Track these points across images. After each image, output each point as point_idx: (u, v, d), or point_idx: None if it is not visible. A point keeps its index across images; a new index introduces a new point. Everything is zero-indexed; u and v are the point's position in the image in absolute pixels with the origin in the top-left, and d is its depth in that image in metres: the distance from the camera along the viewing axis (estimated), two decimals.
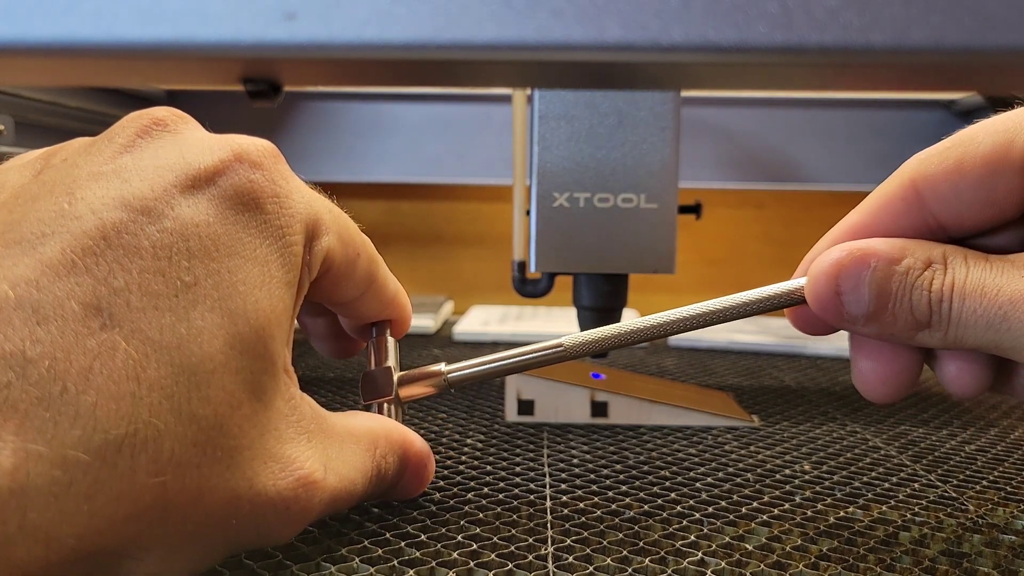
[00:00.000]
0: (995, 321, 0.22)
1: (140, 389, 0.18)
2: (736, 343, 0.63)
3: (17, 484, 0.16)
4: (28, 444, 0.16)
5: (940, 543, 0.25)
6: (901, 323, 0.23)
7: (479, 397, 0.44)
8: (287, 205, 0.22)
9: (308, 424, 0.22)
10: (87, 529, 0.17)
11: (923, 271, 0.23)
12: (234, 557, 0.23)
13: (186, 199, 0.20)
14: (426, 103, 0.78)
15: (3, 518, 0.16)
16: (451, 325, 0.70)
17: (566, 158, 0.42)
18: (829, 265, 0.24)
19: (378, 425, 0.25)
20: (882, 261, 0.23)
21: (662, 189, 0.41)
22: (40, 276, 0.17)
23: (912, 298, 0.23)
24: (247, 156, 0.21)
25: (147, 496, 0.18)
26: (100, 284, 0.18)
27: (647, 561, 0.24)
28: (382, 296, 0.27)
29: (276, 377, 0.21)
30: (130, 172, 0.20)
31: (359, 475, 0.24)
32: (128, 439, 0.17)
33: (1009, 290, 0.21)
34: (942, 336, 0.23)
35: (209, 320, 0.19)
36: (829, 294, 0.24)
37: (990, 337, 0.22)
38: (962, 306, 0.22)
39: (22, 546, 0.16)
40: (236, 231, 0.20)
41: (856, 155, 0.77)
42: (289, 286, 0.22)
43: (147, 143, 0.21)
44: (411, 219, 0.86)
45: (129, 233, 0.19)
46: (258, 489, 0.20)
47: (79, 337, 0.17)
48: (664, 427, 0.39)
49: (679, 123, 0.42)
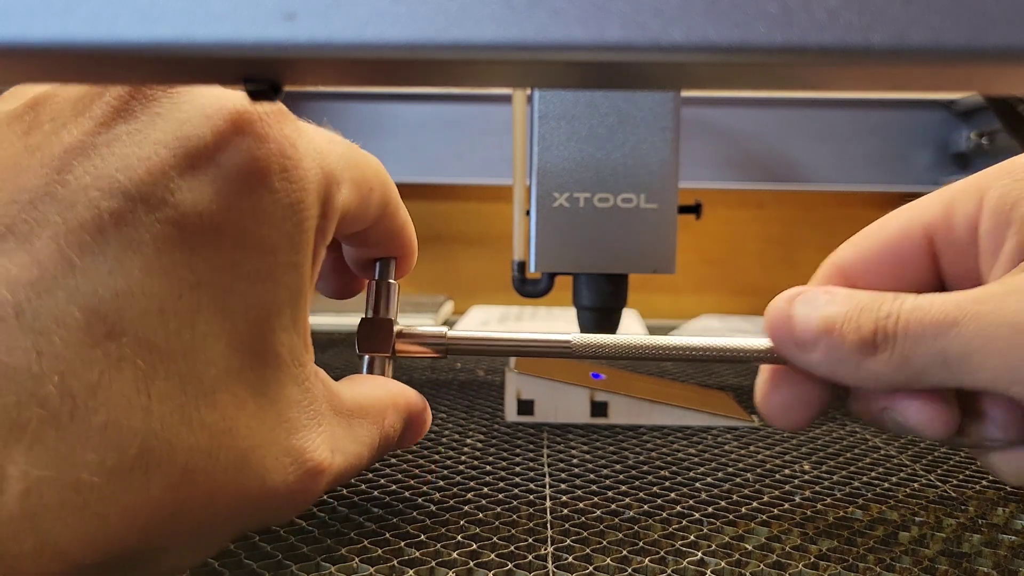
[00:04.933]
0: (944, 328, 0.22)
1: (151, 402, 0.17)
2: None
3: (29, 507, 0.16)
4: (39, 470, 0.16)
5: (940, 543, 0.25)
6: (848, 345, 0.23)
7: (479, 397, 0.44)
8: (295, 178, 0.20)
9: (320, 406, 0.22)
10: (101, 543, 0.17)
11: (869, 306, 0.24)
12: (234, 557, 0.23)
13: (186, 182, 0.18)
14: (426, 103, 0.78)
15: (17, 539, 0.16)
16: (451, 325, 0.70)
17: (566, 158, 0.42)
18: (787, 294, 0.25)
19: (386, 394, 0.25)
20: (835, 296, 0.24)
21: (662, 189, 0.41)
22: (39, 278, 0.17)
23: (860, 319, 0.23)
24: (250, 126, 0.20)
25: (162, 507, 0.17)
26: (100, 287, 0.17)
27: (647, 561, 0.24)
28: (392, 226, 0.26)
29: (282, 368, 0.20)
30: (125, 148, 0.18)
31: (366, 448, 0.24)
32: (141, 459, 0.17)
33: (961, 308, 0.22)
34: (888, 356, 0.23)
35: (213, 324, 0.18)
36: (783, 314, 0.25)
37: (940, 348, 0.22)
38: (909, 318, 0.23)
39: (36, 564, 0.16)
40: (240, 218, 0.19)
41: (856, 155, 0.77)
42: (297, 268, 0.21)
43: (142, 109, 0.19)
44: (411, 219, 0.86)
45: (128, 225, 0.18)
46: (269, 485, 0.20)
47: (84, 348, 0.16)
48: (664, 427, 0.39)
49: (679, 123, 0.42)
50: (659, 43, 0.14)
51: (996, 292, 0.22)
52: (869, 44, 0.14)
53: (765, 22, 0.14)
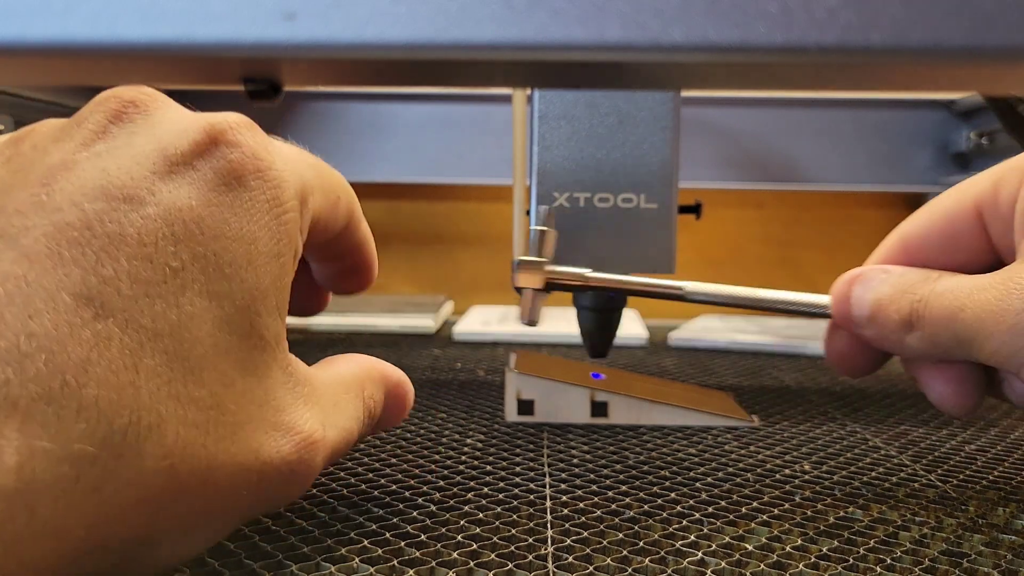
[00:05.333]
0: (955, 314, 0.26)
1: (139, 378, 0.18)
2: (736, 343, 0.63)
3: (23, 481, 0.16)
4: (32, 441, 0.16)
5: (940, 543, 0.25)
6: (891, 324, 0.28)
7: (479, 397, 0.44)
8: (270, 177, 0.22)
9: (303, 388, 0.22)
10: (97, 519, 0.17)
11: (911, 287, 0.28)
12: (234, 557, 0.23)
13: (166, 185, 0.20)
14: (426, 103, 0.78)
15: (11, 515, 0.16)
16: (451, 325, 0.70)
17: (566, 158, 0.42)
18: (849, 274, 0.30)
19: (359, 367, 0.26)
20: (889, 277, 0.29)
21: (662, 189, 0.41)
22: (27, 270, 0.17)
23: (901, 301, 0.28)
24: (222, 135, 0.21)
25: (156, 480, 0.18)
26: (89, 274, 0.18)
27: (647, 561, 0.24)
28: (356, 238, 0.27)
29: (267, 350, 0.21)
30: (105, 161, 0.20)
31: (354, 422, 0.24)
32: (132, 427, 0.17)
33: (967, 295, 0.26)
34: (921, 335, 0.27)
35: (197, 305, 0.19)
36: (843, 295, 0.30)
37: (953, 330, 0.26)
38: (934, 302, 0.27)
39: (32, 542, 0.16)
40: (220, 212, 0.20)
41: (856, 155, 0.77)
42: (278, 257, 0.22)
43: (119, 128, 0.21)
44: (411, 219, 0.86)
45: (113, 222, 0.19)
46: (264, 459, 0.20)
47: (73, 328, 0.17)
48: (664, 427, 0.39)
49: (679, 123, 0.42)
50: (659, 43, 0.14)
51: (996, 280, 0.26)
52: (869, 44, 0.14)
53: (765, 22, 0.14)
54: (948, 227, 0.29)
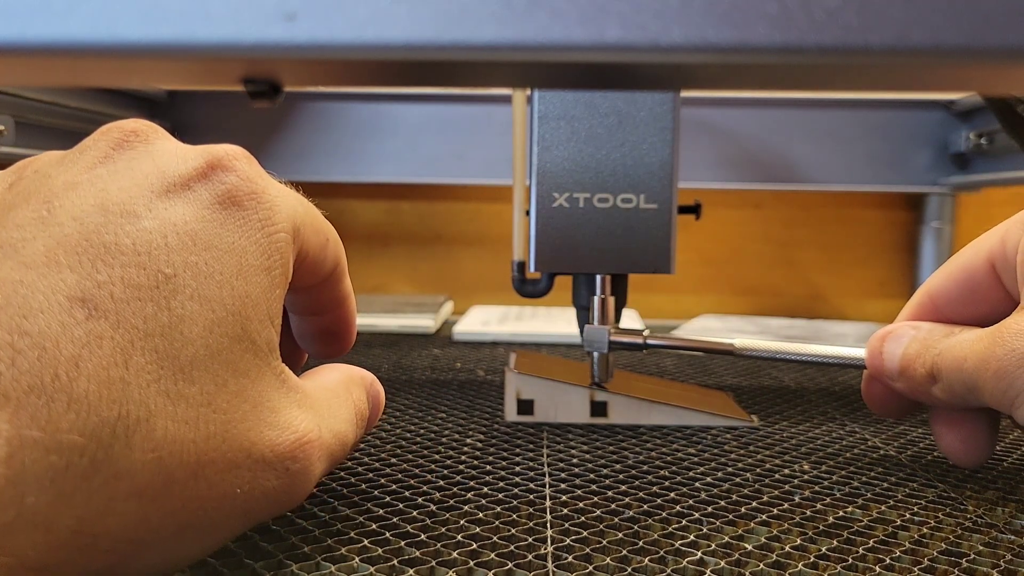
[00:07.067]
0: (961, 364, 0.29)
1: (129, 374, 0.18)
2: None
3: (13, 471, 0.16)
4: (22, 430, 0.16)
5: (939, 543, 0.25)
6: (919, 378, 0.31)
7: (479, 397, 0.44)
8: (264, 200, 0.22)
9: (296, 394, 0.23)
10: (86, 511, 0.17)
11: (935, 343, 0.31)
12: (234, 557, 0.23)
13: (163, 203, 0.21)
14: (426, 103, 0.78)
15: (1, 505, 0.16)
16: (451, 325, 0.71)
17: (566, 158, 0.42)
18: (882, 331, 0.33)
19: (342, 374, 0.26)
20: (918, 333, 0.32)
21: (662, 189, 0.41)
22: (24, 275, 0.18)
23: (925, 355, 0.30)
24: (220, 163, 0.22)
25: (145, 472, 0.18)
26: (84, 279, 0.18)
27: (647, 561, 0.24)
28: (340, 290, 0.28)
29: (259, 355, 0.21)
30: (106, 182, 0.20)
31: (349, 426, 0.25)
32: (121, 420, 0.18)
33: (969, 346, 0.29)
34: (942, 386, 0.30)
35: (188, 308, 0.20)
36: (876, 351, 0.32)
37: (962, 379, 0.29)
38: (948, 355, 0.30)
39: (21, 533, 0.16)
40: (213, 228, 0.21)
41: (856, 155, 0.77)
42: (268, 271, 0.22)
43: (120, 155, 0.21)
44: (411, 219, 0.86)
45: (110, 233, 0.19)
46: (256, 456, 0.21)
47: (66, 327, 0.18)
48: (663, 427, 0.39)
49: (679, 123, 0.42)
50: (659, 43, 0.14)
51: (989, 331, 0.28)
52: (868, 44, 0.14)
53: (765, 22, 0.14)
54: (968, 281, 0.31)
